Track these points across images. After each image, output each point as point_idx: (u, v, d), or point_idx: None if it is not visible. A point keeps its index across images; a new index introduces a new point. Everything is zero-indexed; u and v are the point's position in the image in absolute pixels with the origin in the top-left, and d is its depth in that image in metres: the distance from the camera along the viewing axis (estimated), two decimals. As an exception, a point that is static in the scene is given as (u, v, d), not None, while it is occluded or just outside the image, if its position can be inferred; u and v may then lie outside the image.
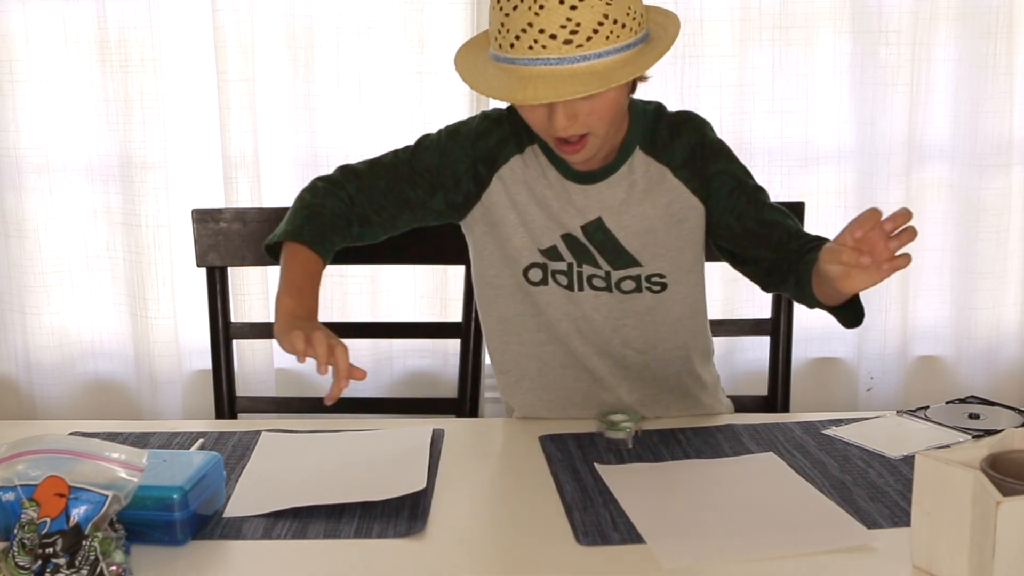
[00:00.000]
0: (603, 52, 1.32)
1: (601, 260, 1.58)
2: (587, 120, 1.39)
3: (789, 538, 1.26)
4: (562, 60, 1.31)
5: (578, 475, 1.44)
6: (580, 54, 1.31)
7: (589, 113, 1.38)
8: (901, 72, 2.41)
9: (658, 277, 1.59)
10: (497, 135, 1.57)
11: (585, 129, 1.40)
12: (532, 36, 1.31)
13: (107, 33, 2.39)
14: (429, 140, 1.62)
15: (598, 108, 1.38)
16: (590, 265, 1.58)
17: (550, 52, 1.31)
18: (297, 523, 1.32)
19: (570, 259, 1.58)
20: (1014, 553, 1.06)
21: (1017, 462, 1.15)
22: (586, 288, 1.60)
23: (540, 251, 1.59)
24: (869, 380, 2.57)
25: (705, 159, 1.55)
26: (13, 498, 1.19)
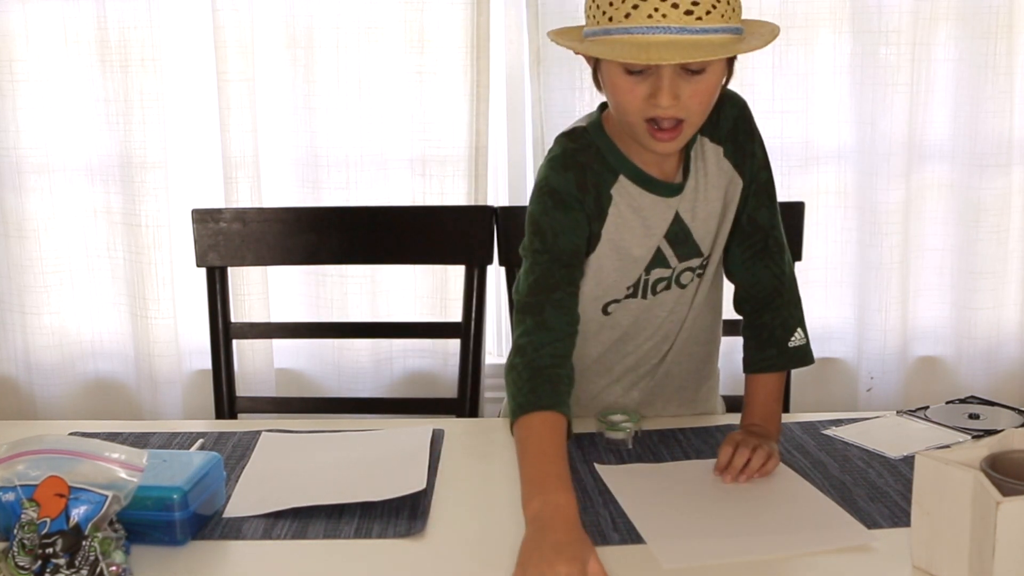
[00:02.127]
0: (719, 28, 1.33)
1: (672, 258, 1.56)
2: (688, 103, 1.37)
3: (789, 538, 1.26)
4: (683, 30, 1.31)
5: (578, 475, 1.44)
6: (700, 26, 1.31)
7: (691, 95, 1.37)
8: (901, 72, 2.41)
9: (707, 260, 1.59)
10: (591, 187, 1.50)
11: (683, 113, 1.38)
12: (652, 5, 1.31)
13: (107, 33, 2.39)
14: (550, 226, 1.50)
15: (700, 91, 1.38)
16: (659, 267, 1.56)
17: (671, 21, 1.31)
18: (297, 523, 1.32)
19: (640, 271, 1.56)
20: (1014, 553, 1.06)
21: (1017, 462, 1.15)
22: (648, 295, 1.59)
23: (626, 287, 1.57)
24: (869, 380, 2.57)
25: (747, 133, 1.56)
26: (13, 498, 1.19)
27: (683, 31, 1.31)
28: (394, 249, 2.08)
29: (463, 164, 2.43)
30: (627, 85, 1.38)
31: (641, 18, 1.31)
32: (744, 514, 1.33)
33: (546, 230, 1.49)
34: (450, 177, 2.43)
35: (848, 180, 2.51)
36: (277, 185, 2.48)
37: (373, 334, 2.42)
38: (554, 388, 1.40)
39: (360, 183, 2.44)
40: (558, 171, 1.50)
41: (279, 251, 2.04)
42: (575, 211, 1.49)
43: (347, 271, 2.46)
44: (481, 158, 2.44)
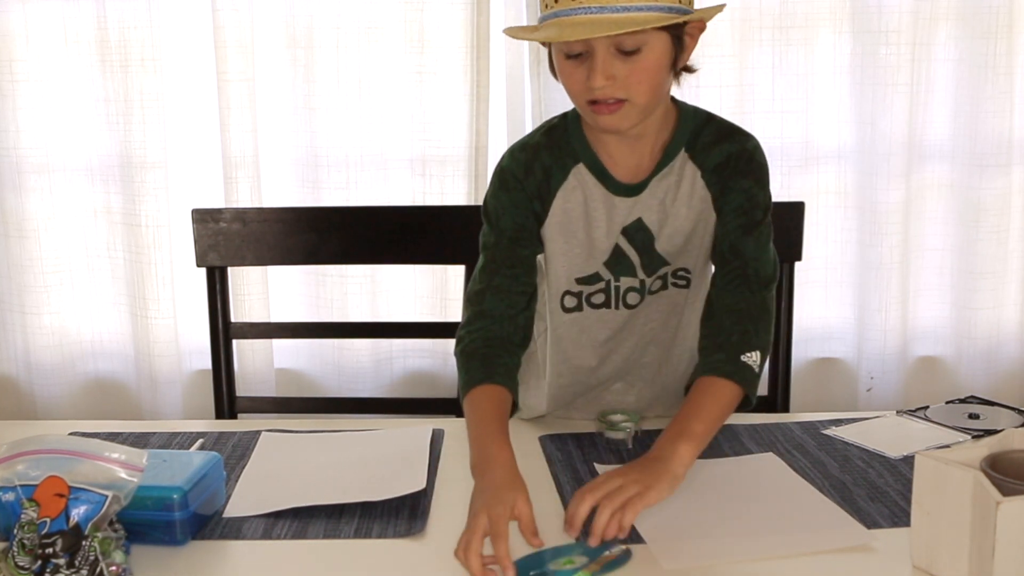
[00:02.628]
0: (647, 7, 1.35)
1: (639, 268, 1.56)
2: (625, 83, 1.39)
3: (789, 538, 1.26)
4: (603, 9, 1.34)
5: (578, 475, 1.44)
6: (622, 4, 1.34)
7: (627, 75, 1.38)
8: (901, 72, 2.41)
9: (683, 272, 1.58)
10: (539, 167, 1.54)
11: (622, 94, 1.40)
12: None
13: (107, 33, 2.39)
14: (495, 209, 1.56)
15: (636, 71, 1.38)
16: (628, 276, 1.56)
17: (591, 1, 1.34)
18: (297, 523, 1.32)
19: (608, 277, 1.57)
20: (1014, 553, 1.06)
21: (1017, 462, 1.15)
22: (621, 307, 1.58)
23: (577, 279, 1.57)
24: (869, 380, 2.57)
25: (737, 171, 1.52)
26: (13, 498, 1.19)
27: (603, 10, 1.34)
28: (394, 249, 2.08)
29: (463, 164, 2.43)
30: (568, 68, 1.42)
31: (567, 1, 1.36)
32: (744, 514, 1.33)
33: (491, 212, 1.57)
34: (450, 177, 2.43)
35: (848, 180, 2.51)
36: (277, 185, 2.48)
37: (373, 334, 2.42)
38: (484, 364, 1.49)
39: (360, 183, 2.44)
40: (513, 154, 1.58)
41: (279, 251, 2.04)
42: (515, 191, 1.55)
43: (347, 271, 2.46)
44: (481, 158, 2.44)
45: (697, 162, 1.52)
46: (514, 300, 1.55)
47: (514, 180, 1.55)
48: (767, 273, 1.53)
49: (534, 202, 1.55)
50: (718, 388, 1.45)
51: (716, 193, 1.53)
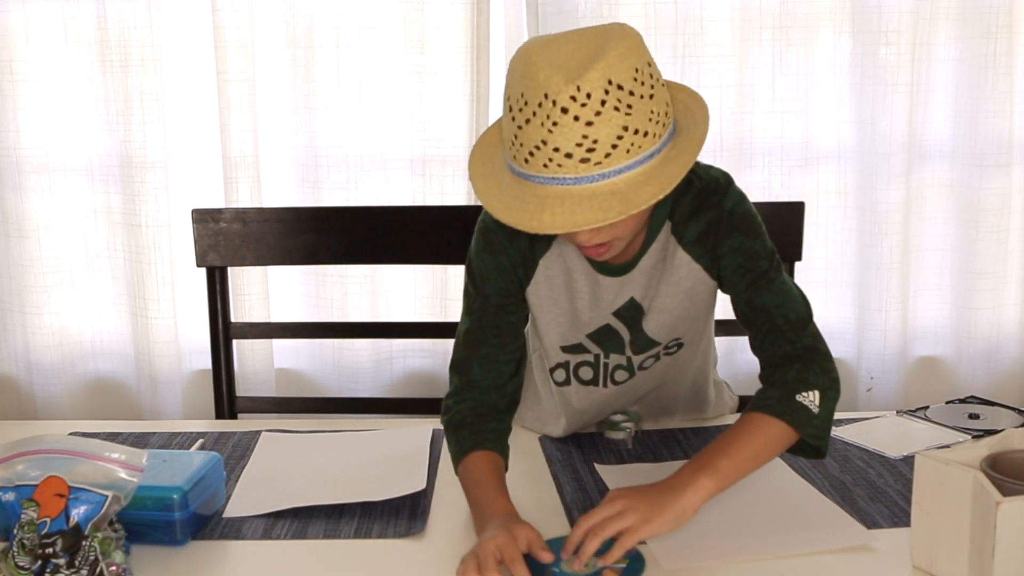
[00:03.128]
0: (624, 167, 1.21)
1: (627, 345, 1.53)
2: (611, 231, 1.30)
3: (789, 538, 1.26)
4: (579, 180, 1.20)
5: (578, 475, 1.44)
6: (598, 172, 1.20)
7: (612, 227, 1.28)
8: (901, 72, 2.41)
9: (675, 342, 1.55)
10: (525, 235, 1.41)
11: (610, 238, 1.31)
12: (547, 154, 1.20)
13: (107, 33, 2.39)
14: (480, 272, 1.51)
15: (621, 222, 1.27)
16: (616, 353, 1.53)
17: (567, 171, 1.20)
18: (297, 523, 1.32)
19: (596, 351, 1.53)
20: (1014, 553, 1.06)
21: (1017, 462, 1.15)
22: (610, 384, 1.56)
23: (563, 348, 1.54)
24: (869, 380, 2.57)
25: (719, 235, 1.43)
26: (13, 498, 1.19)
27: (579, 181, 1.20)
28: (394, 249, 2.08)
29: (463, 164, 2.43)
30: None
31: (538, 166, 1.21)
32: (745, 514, 1.33)
33: (476, 274, 1.50)
34: (450, 177, 2.43)
35: (848, 180, 2.51)
36: (277, 185, 2.48)
37: (373, 334, 2.42)
38: (474, 432, 1.41)
39: (360, 183, 2.44)
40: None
41: (279, 251, 2.04)
42: (501, 255, 1.48)
43: (347, 271, 2.46)
44: (481, 158, 2.43)
45: (677, 235, 1.44)
46: (501, 369, 1.48)
47: (499, 245, 1.48)
48: (799, 314, 1.43)
49: (518, 268, 1.48)
50: (761, 425, 1.33)
51: (707, 264, 1.45)
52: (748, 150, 2.47)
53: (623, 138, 1.19)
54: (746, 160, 2.48)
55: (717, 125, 2.45)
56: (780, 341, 1.41)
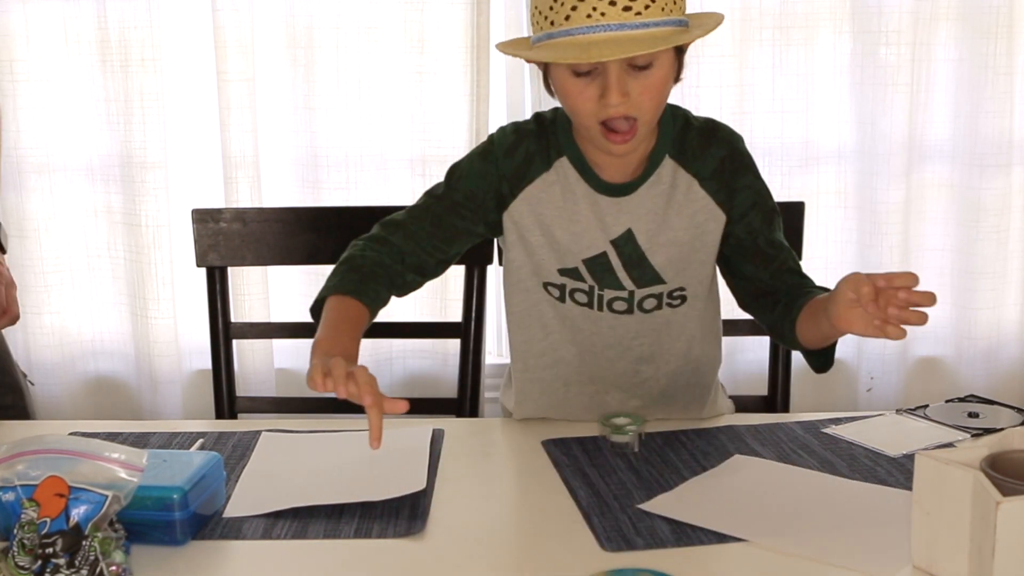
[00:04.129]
0: (660, 21, 1.33)
1: (626, 279, 1.56)
2: (638, 100, 1.38)
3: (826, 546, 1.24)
4: (622, 26, 1.32)
5: (588, 480, 1.43)
6: (639, 20, 1.32)
7: (641, 92, 1.38)
8: (901, 72, 2.41)
9: (679, 291, 1.57)
10: (523, 151, 1.54)
11: (635, 111, 1.39)
12: (590, 5, 1.32)
13: (107, 33, 2.39)
14: (462, 168, 1.59)
15: (649, 86, 1.38)
16: (612, 288, 1.56)
17: (609, 19, 1.32)
18: (297, 523, 1.32)
19: (591, 282, 1.56)
20: (1014, 553, 1.06)
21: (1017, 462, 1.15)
22: (606, 310, 1.58)
23: (559, 271, 1.57)
24: (869, 380, 2.57)
25: (735, 171, 1.54)
26: (13, 498, 1.19)
27: (623, 27, 1.32)
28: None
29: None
30: (576, 88, 1.39)
31: (580, 19, 1.32)
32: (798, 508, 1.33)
33: (457, 169, 1.59)
34: (450, 177, 2.43)
35: (848, 180, 2.51)
36: (277, 185, 2.48)
37: (373, 334, 2.40)
38: (360, 283, 1.50)
39: (360, 183, 2.44)
40: (505, 131, 1.59)
41: (279, 251, 2.04)
42: (491, 165, 1.55)
43: (347, 271, 2.46)
44: (481, 158, 2.43)
45: (692, 171, 1.52)
46: (420, 255, 1.56)
47: (495, 156, 1.56)
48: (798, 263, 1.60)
49: (503, 184, 1.54)
50: None
51: (722, 197, 1.54)
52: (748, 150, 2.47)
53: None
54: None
55: (717, 125, 2.45)
56: (798, 278, 1.56)
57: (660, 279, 1.55)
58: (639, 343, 1.61)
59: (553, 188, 1.54)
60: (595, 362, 1.63)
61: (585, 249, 1.54)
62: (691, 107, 2.43)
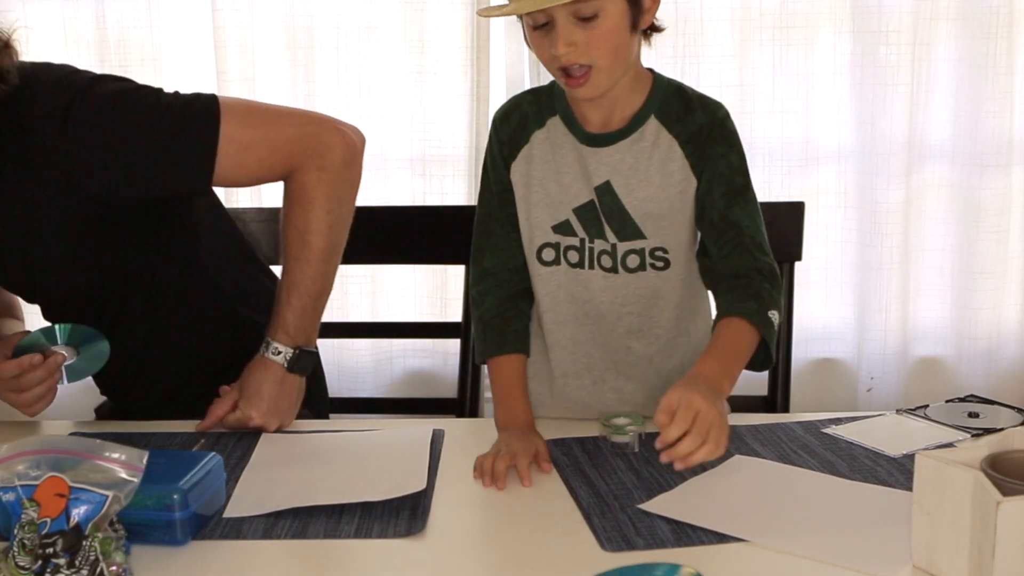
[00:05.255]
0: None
1: (608, 231, 1.60)
2: (587, 49, 1.45)
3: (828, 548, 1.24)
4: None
5: (589, 480, 1.43)
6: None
7: (587, 42, 1.44)
8: (901, 72, 2.41)
9: (661, 252, 1.60)
10: (518, 115, 1.63)
11: (587, 59, 1.46)
12: None
13: (107, 33, 2.39)
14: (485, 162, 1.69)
15: (596, 36, 1.44)
16: (600, 239, 1.60)
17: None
18: (297, 523, 1.32)
19: (582, 233, 1.61)
20: (1014, 553, 1.06)
21: (1017, 462, 1.15)
22: (596, 267, 1.61)
23: (553, 227, 1.61)
24: (869, 380, 2.57)
25: (712, 138, 1.57)
26: (13, 498, 1.19)
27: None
28: (394, 249, 2.08)
29: (463, 164, 2.43)
30: (536, 39, 1.49)
31: None
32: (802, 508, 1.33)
33: (485, 166, 1.68)
34: (450, 177, 2.44)
35: (848, 180, 2.51)
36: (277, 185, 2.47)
37: (373, 334, 2.41)
38: (499, 334, 1.64)
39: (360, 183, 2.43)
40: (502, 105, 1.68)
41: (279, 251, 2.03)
42: (493, 145, 1.66)
43: (347, 271, 2.46)
44: (481, 158, 2.43)
45: (673, 132, 1.57)
46: (512, 254, 1.66)
47: (494, 128, 1.65)
48: (763, 238, 1.56)
49: (504, 149, 1.63)
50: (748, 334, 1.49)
51: (695, 161, 1.57)
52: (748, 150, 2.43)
53: None
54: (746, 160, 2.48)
55: (717, 125, 2.45)
56: (746, 256, 1.54)
57: (640, 233, 1.59)
58: (628, 311, 1.63)
59: (544, 144, 1.62)
60: (590, 340, 1.65)
61: (574, 198, 1.60)
62: (691, 107, 2.44)
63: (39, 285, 1.70)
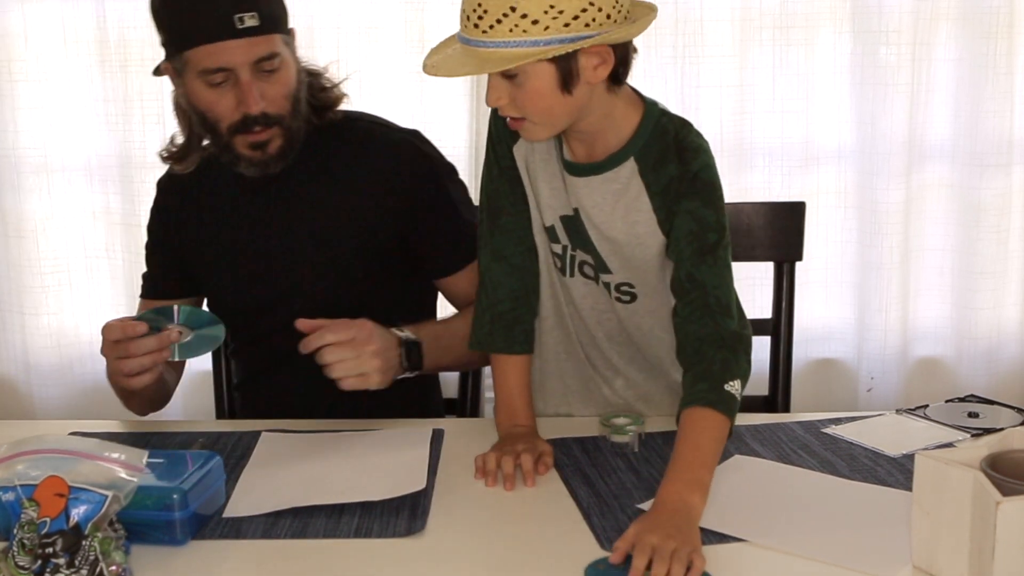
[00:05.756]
0: (504, 43, 1.34)
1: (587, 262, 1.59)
2: (516, 104, 1.41)
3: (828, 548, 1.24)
4: (469, 41, 1.36)
5: (589, 480, 1.44)
6: (484, 39, 1.35)
7: (516, 97, 1.40)
8: (901, 72, 2.41)
9: (627, 287, 1.58)
10: None
11: (518, 113, 1.42)
12: (465, 15, 1.37)
13: (106, 33, 2.38)
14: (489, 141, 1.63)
15: (521, 96, 1.40)
16: (582, 250, 1.58)
17: (466, 32, 1.37)
18: (297, 523, 1.32)
19: (565, 240, 1.59)
20: (1014, 553, 1.06)
21: (1017, 462, 1.15)
22: (577, 275, 1.60)
23: (544, 227, 1.60)
24: (869, 380, 2.57)
25: (680, 193, 1.48)
26: (13, 498, 1.19)
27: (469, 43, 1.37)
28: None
29: (463, 164, 2.43)
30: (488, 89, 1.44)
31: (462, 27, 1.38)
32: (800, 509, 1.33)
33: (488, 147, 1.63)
34: (450, 177, 2.43)
35: (848, 180, 2.51)
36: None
37: (373, 334, 2.41)
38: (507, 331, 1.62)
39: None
40: None
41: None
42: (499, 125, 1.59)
43: (347, 271, 2.46)
44: (481, 158, 2.43)
45: (646, 180, 1.50)
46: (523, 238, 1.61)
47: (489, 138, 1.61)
48: (727, 302, 1.47)
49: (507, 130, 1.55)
50: (709, 422, 1.38)
51: (662, 217, 1.50)
52: (748, 150, 2.47)
53: (508, 16, 1.32)
54: (746, 160, 2.48)
55: (717, 125, 2.45)
56: (707, 320, 1.46)
57: (606, 267, 1.57)
58: (607, 319, 1.63)
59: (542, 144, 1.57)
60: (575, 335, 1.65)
61: (560, 207, 1.57)
62: (691, 107, 2.45)
63: None
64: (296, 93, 1.68)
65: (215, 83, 1.62)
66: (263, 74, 1.63)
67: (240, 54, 1.60)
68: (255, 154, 1.68)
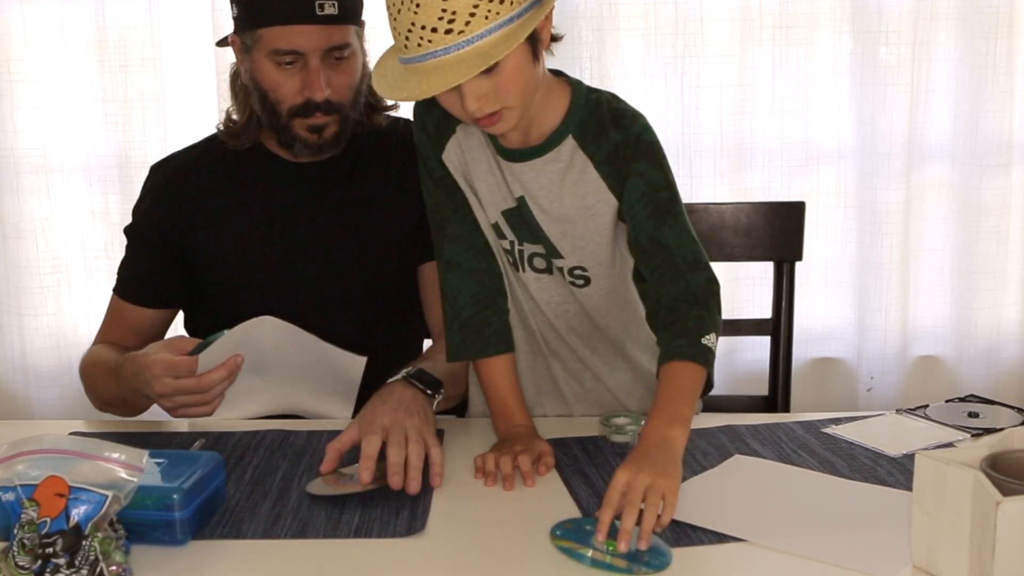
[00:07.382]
0: (485, 32, 1.33)
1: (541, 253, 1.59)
2: (496, 97, 1.39)
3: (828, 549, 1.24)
4: (448, 50, 1.33)
5: (589, 480, 1.44)
6: (462, 40, 1.32)
7: (495, 89, 1.38)
8: (901, 72, 2.41)
9: (580, 271, 1.58)
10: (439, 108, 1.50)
11: (499, 105, 1.40)
12: (417, 34, 1.33)
13: (106, 33, 2.39)
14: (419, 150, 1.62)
15: (502, 82, 1.38)
16: (530, 243, 1.58)
17: (436, 45, 1.33)
18: (297, 523, 1.32)
19: (511, 236, 1.59)
20: (1014, 553, 1.06)
21: (1017, 462, 1.15)
22: (528, 269, 1.60)
23: (490, 225, 1.59)
24: (869, 380, 2.57)
25: (627, 157, 1.50)
26: (13, 498, 1.19)
27: (448, 51, 1.33)
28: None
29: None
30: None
31: (414, 48, 1.34)
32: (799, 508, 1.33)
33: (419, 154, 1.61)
34: (450, 177, 2.43)
35: (848, 180, 2.51)
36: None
37: (373, 334, 2.41)
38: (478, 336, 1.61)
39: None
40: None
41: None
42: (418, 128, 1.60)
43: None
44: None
45: (588, 152, 1.51)
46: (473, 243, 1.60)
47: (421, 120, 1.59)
48: (695, 256, 1.50)
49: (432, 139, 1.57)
50: (689, 371, 1.44)
51: (613, 181, 1.52)
52: (748, 150, 2.47)
53: (479, 6, 1.32)
54: (746, 160, 2.48)
55: (717, 125, 2.45)
56: (678, 280, 1.49)
57: (557, 253, 1.56)
58: (566, 311, 1.63)
59: (471, 139, 1.56)
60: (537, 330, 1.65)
61: (502, 201, 1.56)
62: (691, 107, 2.45)
63: None
64: (359, 85, 1.71)
65: (284, 63, 1.64)
66: (332, 62, 1.66)
67: (315, 40, 1.63)
68: (311, 136, 1.70)
